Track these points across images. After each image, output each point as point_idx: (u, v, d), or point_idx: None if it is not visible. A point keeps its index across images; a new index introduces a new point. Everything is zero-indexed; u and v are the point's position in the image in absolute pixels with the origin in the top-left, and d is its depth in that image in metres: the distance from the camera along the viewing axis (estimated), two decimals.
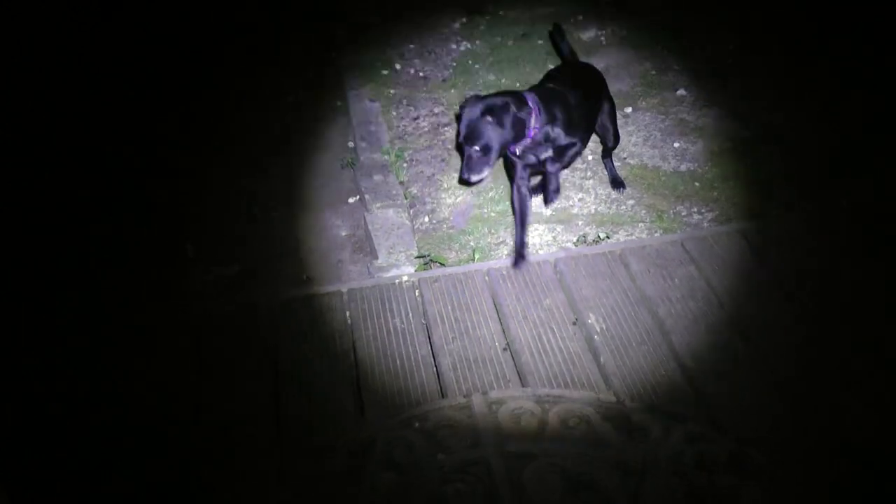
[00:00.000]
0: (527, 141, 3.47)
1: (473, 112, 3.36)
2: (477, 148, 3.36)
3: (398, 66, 5.43)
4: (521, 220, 3.61)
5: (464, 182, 3.59)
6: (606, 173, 4.28)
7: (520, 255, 3.56)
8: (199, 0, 6.27)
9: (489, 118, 3.32)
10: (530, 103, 3.41)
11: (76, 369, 3.17)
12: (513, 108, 3.34)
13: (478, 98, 3.44)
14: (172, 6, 6.14)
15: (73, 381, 3.11)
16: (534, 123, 3.42)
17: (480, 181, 3.56)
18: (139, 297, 3.75)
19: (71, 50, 5.53)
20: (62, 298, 3.75)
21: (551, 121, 3.48)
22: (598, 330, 3.17)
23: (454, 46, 5.62)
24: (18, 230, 4.13)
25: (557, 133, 3.50)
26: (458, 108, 3.70)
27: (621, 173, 4.28)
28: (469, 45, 5.61)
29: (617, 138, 4.16)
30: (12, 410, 2.99)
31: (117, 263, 3.99)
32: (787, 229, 3.68)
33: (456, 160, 4.48)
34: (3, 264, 3.87)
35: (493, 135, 3.34)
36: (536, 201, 3.96)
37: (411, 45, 5.66)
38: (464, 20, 5.93)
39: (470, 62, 5.40)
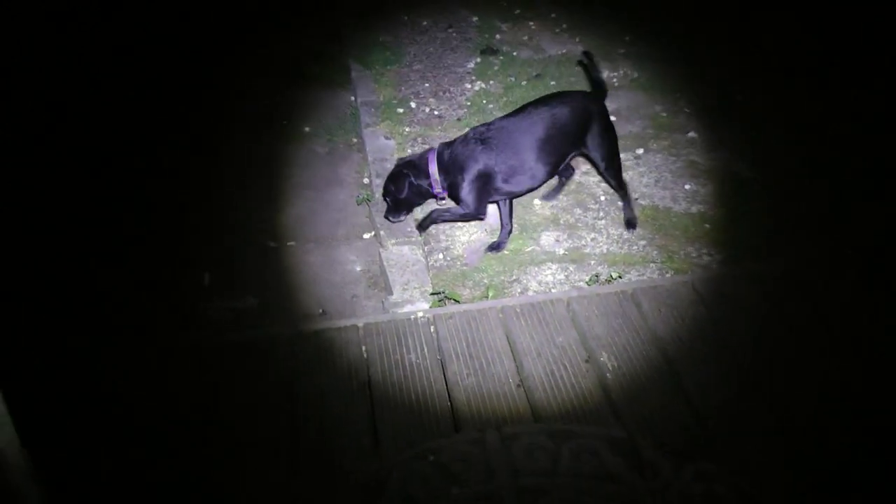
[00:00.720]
0: (437, 194, 4.16)
1: (387, 176, 4.22)
2: (389, 200, 4.22)
3: (413, 105, 5.53)
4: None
5: (387, 219, 4.31)
6: (621, 213, 4.35)
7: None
8: (222, 32, 6.40)
9: (391, 186, 4.15)
10: (430, 167, 4.08)
11: (88, 394, 3.21)
12: (409, 178, 4.10)
13: (401, 163, 4.21)
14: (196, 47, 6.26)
15: (86, 406, 3.15)
16: (437, 189, 4.13)
17: (401, 221, 4.32)
18: (154, 325, 3.82)
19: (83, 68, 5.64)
20: (75, 320, 3.81)
21: (454, 180, 4.07)
22: (610, 368, 3.22)
23: (468, 86, 5.72)
24: (35, 252, 4.20)
25: (458, 188, 4.08)
26: None
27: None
28: (483, 85, 5.71)
29: (609, 161, 4.19)
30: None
31: (133, 287, 4.06)
32: (796, 272, 3.72)
33: None
34: (19, 288, 3.93)
35: (397, 196, 4.16)
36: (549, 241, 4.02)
37: (426, 85, 5.76)
38: (478, 60, 6.04)
39: (484, 102, 5.49)
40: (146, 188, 4.76)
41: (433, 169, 4.08)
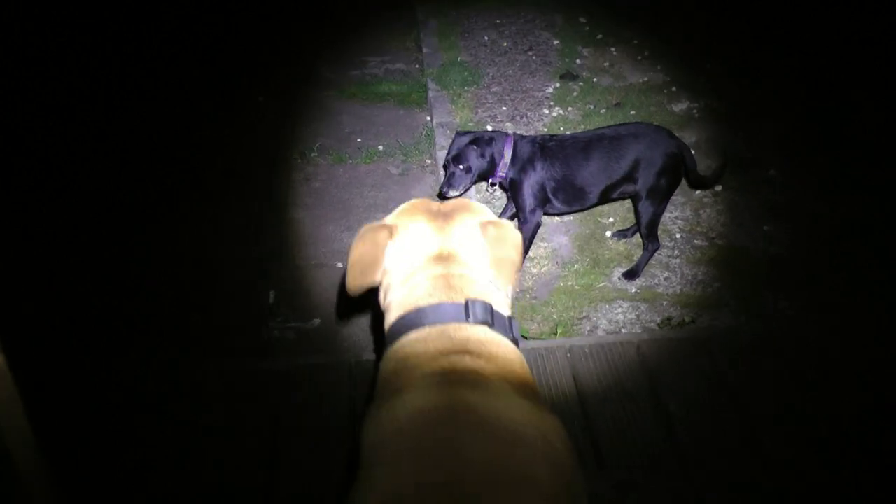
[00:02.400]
0: (495, 178, 4.11)
1: (463, 140, 4.07)
2: (461, 167, 4.04)
3: (490, 128, 5.48)
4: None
5: (442, 196, 4.08)
6: (697, 253, 4.26)
7: None
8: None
9: (475, 147, 4.00)
10: (506, 150, 4.05)
11: (145, 414, 3.23)
12: (494, 146, 4.03)
13: (471, 132, 4.16)
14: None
15: (142, 428, 3.17)
16: (500, 170, 4.08)
17: (458, 196, 4.11)
18: (217, 341, 3.85)
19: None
20: (135, 337, 3.85)
21: (516, 177, 4.07)
22: (679, 418, 3.12)
23: (546, 111, 5.66)
24: (92, 263, 4.28)
25: (519, 184, 4.07)
26: None
27: (708, 253, 4.25)
28: (561, 111, 5.65)
29: (650, 203, 4.04)
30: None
31: (197, 302, 4.10)
32: (879, 323, 3.58)
33: (545, 231, 4.49)
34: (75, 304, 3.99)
35: (475, 161, 4.02)
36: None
37: (504, 108, 5.72)
38: (557, 85, 5.98)
39: (561, 128, 5.42)
40: (218, 203, 4.81)
41: (508, 152, 4.07)
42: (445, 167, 4.17)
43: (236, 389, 3.33)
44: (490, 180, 4.17)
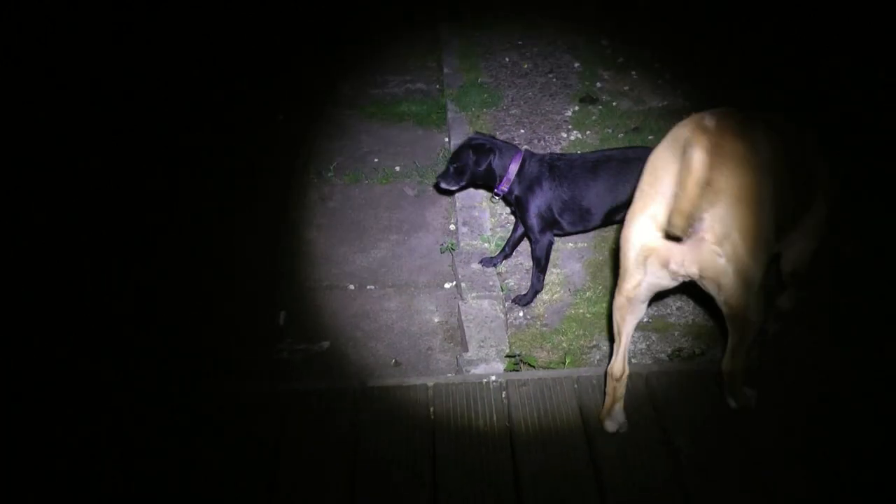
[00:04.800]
0: (498, 190, 4.16)
1: (465, 141, 4.21)
2: (454, 166, 4.15)
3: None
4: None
5: (436, 187, 4.39)
6: None
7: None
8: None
9: (471, 152, 4.09)
10: (512, 165, 4.06)
11: (149, 427, 3.24)
12: (493, 157, 4.08)
13: (483, 135, 4.27)
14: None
15: (145, 441, 3.18)
16: (503, 184, 4.11)
17: (449, 192, 4.56)
18: (228, 362, 3.84)
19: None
20: (144, 352, 3.85)
21: (522, 196, 4.08)
22: (687, 453, 3.07)
23: (564, 135, 5.63)
24: (101, 283, 4.29)
25: (526, 204, 4.08)
26: None
27: None
28: (579, 135, 5.61)
29: None
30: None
31: (206, 322, 4.11)
32: (893, 359, 3.51)
33: (558, 257, 4.46)
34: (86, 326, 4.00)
35: (469, 165, 4.10)
36: None
37: (522, 131, 5.69)
38: (576, 108, 5.94)
39: (578, 153, 5.38)
40: (233, 221, 4.82)
41: (513, 167, 4.09)
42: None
43: (241, 410, 3.34)
44: (496, 192, 4.19)
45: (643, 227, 2.69)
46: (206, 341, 3.93)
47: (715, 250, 2.58)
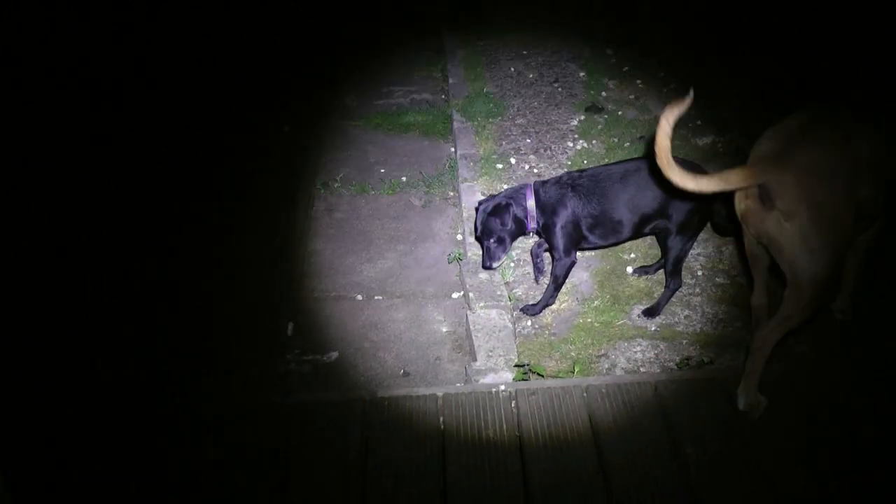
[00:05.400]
0: (529, 229, 4.15)
1: (483, 213, 4.12)
2: (492, 240, 4.11)
3: (513, 161, 5.47)
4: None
5: (487, 268, 4.25)
6: (718, 291, 4.21)
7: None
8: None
9: (496, 218, 4.05)
10: (528, 203, 4.08)
11: (156, 438, 3.25)
12: (513, 209, 4.06)
13: (490, 198, 4.20)
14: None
15: (152, 452, 3.19)
16: (530, 223, 4.11)
17: (501, 265, 4.35)
18: (236, 373, 3.85)
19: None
20: (151, 363, 3.85)
21: (548, 221, 4.06)
22: (694, 460, 3.07)
23: (570, 144, 5.64)
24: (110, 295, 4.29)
25: (552, 227, 4.06)
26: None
27: (730, 291, 4.20)
28: (585, 144, 5.62)
29: (679, 238, 3.99)
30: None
31: (213, 333, 4.10)
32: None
33: None
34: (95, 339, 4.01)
35: (501, 230, 4.08)
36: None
37: (528, 140, 5.71)
38: (582, 118, 5.96)
39: (585, 162, 5.39)
40: (240, 232, 4.84)
41: (531, 203, 4.08)
42: (479, 241, 4.25)
43: (249, 421, 3.34)
44: (528, 231, 4.17)
45: (741, 194, 3.03)
46: (214, 353, 3.93)
47: (778, 216, 2.85)
